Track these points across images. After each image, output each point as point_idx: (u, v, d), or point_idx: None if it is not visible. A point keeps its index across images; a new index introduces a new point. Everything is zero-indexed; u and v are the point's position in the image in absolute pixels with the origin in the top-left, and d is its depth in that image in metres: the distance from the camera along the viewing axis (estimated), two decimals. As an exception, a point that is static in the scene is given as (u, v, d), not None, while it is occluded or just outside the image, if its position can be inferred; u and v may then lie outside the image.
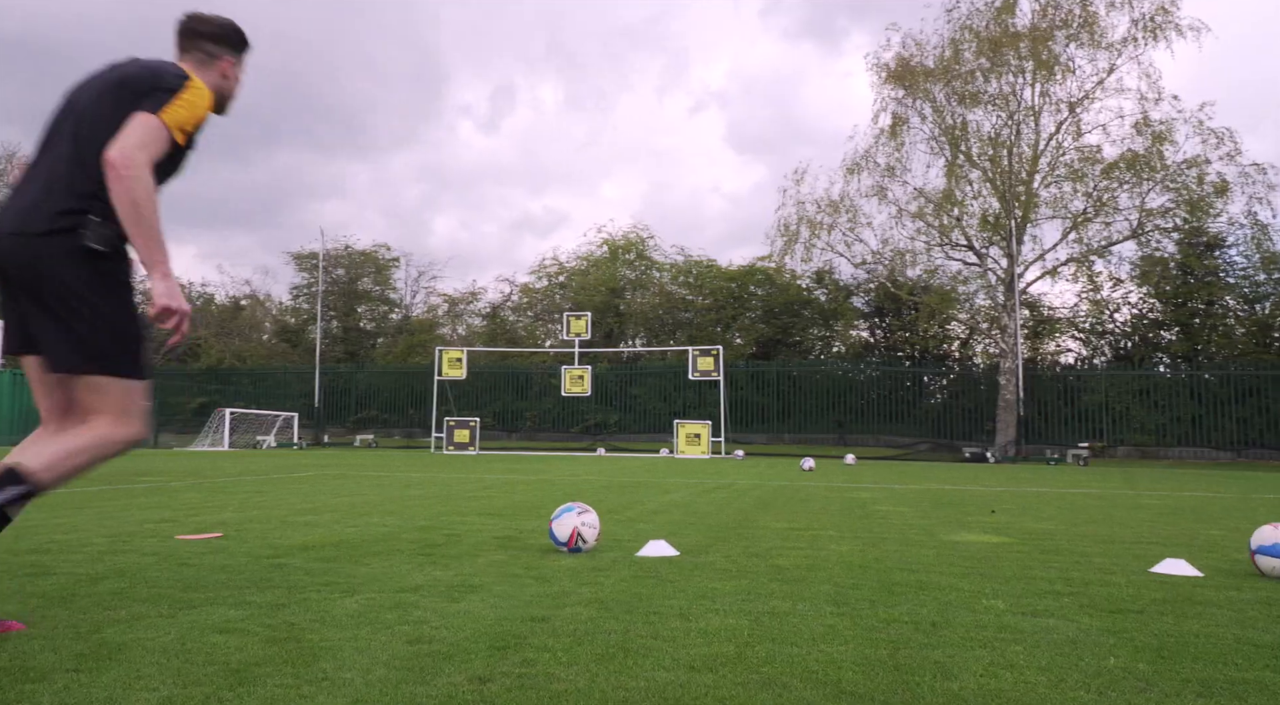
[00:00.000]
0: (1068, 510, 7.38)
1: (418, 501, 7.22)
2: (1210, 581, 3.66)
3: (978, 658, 2.32)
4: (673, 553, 4.23)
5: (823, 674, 2.13)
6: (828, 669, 2.18)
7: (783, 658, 2.28)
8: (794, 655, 2.31)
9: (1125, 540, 5.14)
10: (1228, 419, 26.10)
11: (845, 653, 2.34)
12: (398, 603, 2.91)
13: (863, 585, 3.42)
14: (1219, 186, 26.00)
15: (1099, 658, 2.34)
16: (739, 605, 2.98)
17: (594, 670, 2.12)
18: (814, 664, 2.22)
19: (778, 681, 2.06)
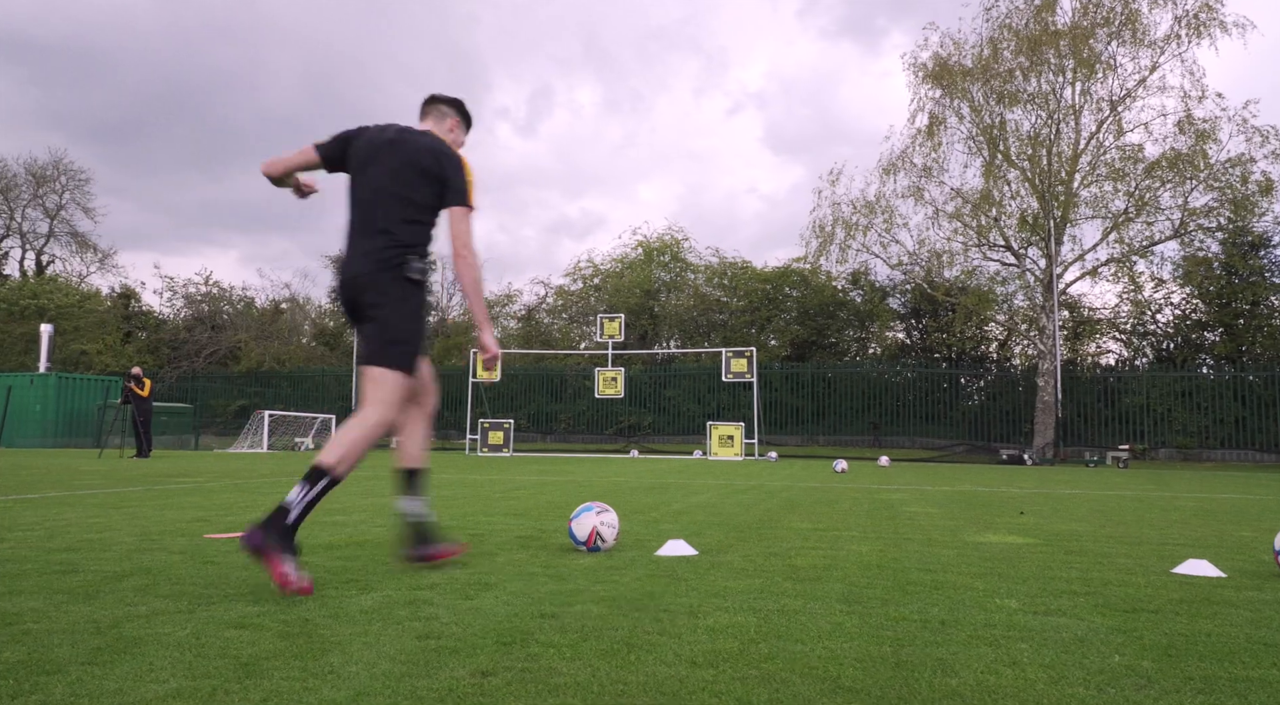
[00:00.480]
0: (1099, 512, 7.30)
1: (446, 502, 7.29)
2: (1232, 582, 3.62)
3: (981, 655, 2.32)
4: (691, 552, 4.25)
5: (822, 670, 2.15)
6: (828, 665, 2.19)
7: (785, 654, 2.29)
8: (796, 652, 2.32)
9: (1152, 541, 5.08)
10: (1273, 421, 25.61)
11: (848, 649, 2.35)
12: (412, 600, 2.96)
13: (877, 584, 3.42)
14: (1264, 185, 25.53)
15: (1104, 656, 2.33)
16: (749, 603, 3.00)
17: (595, 665, 2.15)
18: (815, 660, 2.23)
19: (776, 677, 2.08)
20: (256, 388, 37.70)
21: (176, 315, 44.97)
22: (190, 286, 44.68)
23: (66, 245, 49.08)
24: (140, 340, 43.80)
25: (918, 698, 1.95)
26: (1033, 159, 27.13)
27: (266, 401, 34.84)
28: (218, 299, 44.83)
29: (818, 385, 31.71)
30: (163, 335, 43.32)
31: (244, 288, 52.35)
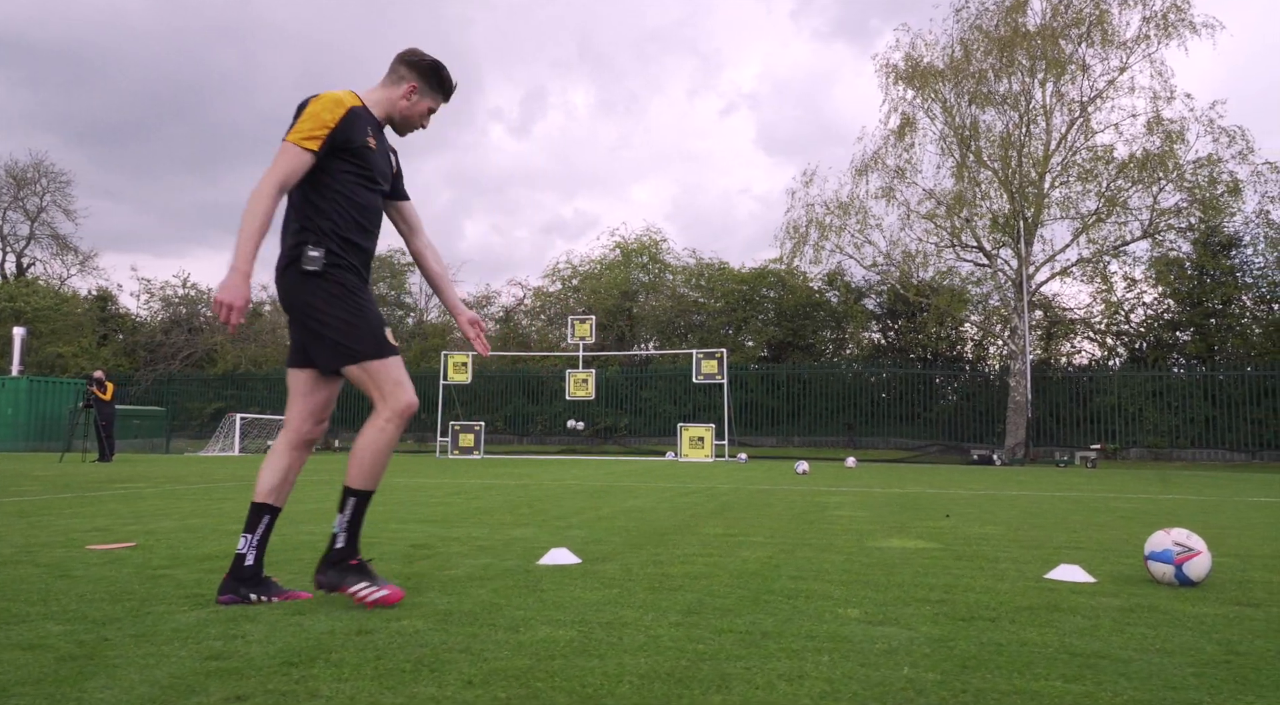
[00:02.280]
0: (1027, 515, 7.29)
1: (379, 508, 7.23)
2: (1094, 588, 3.60)
3: (773, 669, 2.29)
4: (573, 561, 4.21)
5: (596, 686, 2.11)
6: (606, 682, 2.15)
7: (572, 670, 2.25)
8: (586, 668, 2.28)
9: (1052, 545, 5.06)
10: (1242, 420, 25.72)
11: (641, 664, 2.32)
12: (238, 616, 2.91)
13: (733, 594, 3.39)
14: (1231, 186, 25.63)
15: (897, 668, 2.31)
16: (583, 616, 2.96)
17: (363, 686, 2.11)
18: (597, 677, 2.20)
19: (542, 695, 2.04)
20: (232, 390, 37.50)
21: (153, 318, 44.73)
22: (168, 289, 44.46)
23: (47, 248, 48.78)
24: (117, 343, 43.56)
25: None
26: (1004, 160, 27.18)
27: (242, 404, 34.66)
28: (195, 301, 44.59)
29: (793, 386, 31.71)
30: (139, 338, 43.08)
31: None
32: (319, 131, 3.05)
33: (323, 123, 3.05)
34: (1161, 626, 2.90)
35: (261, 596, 3.11)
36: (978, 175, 27.64)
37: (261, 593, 3.12)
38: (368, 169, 3.19)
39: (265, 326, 43.30)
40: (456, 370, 25.61)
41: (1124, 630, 2.83)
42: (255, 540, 3.15)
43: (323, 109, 3.08)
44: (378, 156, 3.24)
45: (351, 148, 3.12)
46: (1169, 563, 3.70)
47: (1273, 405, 25.35)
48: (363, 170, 3.17)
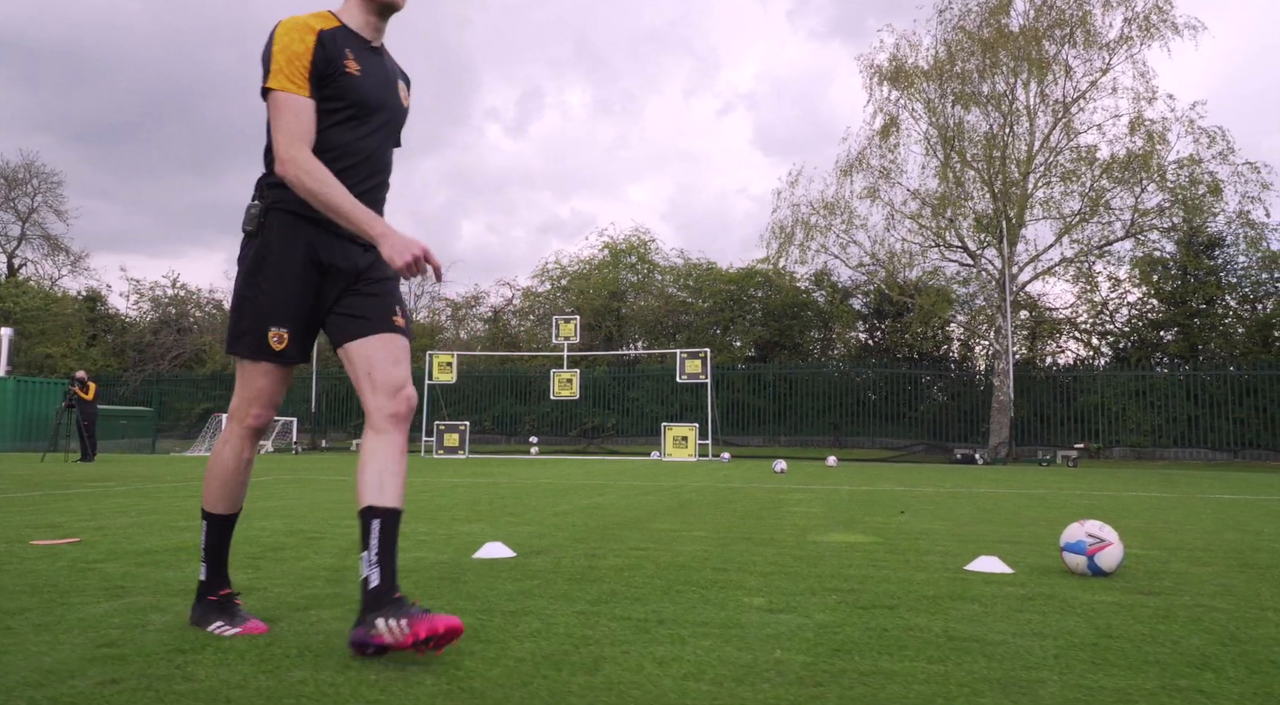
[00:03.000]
0: (982, 511, 7.37)
1: (331, 506, 7.30)
2: (1006, 578, 3.67)
3: (650, 652, 2.35)
4: (507, 554, 4.27)
5: (470, 670, 2.17)
6: (481, 665, 2.21)
7: (451, 656, 2.31)
8: (469, 652, 2.34)
9: (991, 539, 5.13)
10: (1224, 420, 25.87)
11: (527, 649, 2.38)
12: (147, 607, 2.97)
13: (648, 586, 3.45)
14: (1212, 186, 25.78)
15: (770, 651, 2.37)
16: (493, 605, 3.02)
17: (242, 670, 2.17)
18: (475, 661, 2.26)
19: (412, 678, 2.10)
20: (221, 391, 37.49)
21: (142, 318, 44.72)
22: (157, 289, 44.47)
23: (39, 248, 48.73)
24: (105, 343, 43.54)
25: (532, 691, 1.98)
26: (988, 160, 27.29)
27: (230, 404, 34.61)
28: (184, 301, 44.59)
29: (780, 386, 31.80)
30: (128, 338, 43.06)
31: (211, 290, 51.99)
32: (297, 66, 2.48)
33: (295, 54, 2.48)
34: (1051, 613, 2.97)
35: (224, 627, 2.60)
36: (962, 175, 27.76)
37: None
38: (344, 100, 2.56)
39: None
40: (441, 370, 25.66)
41: (1011, 616, 2.91)
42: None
43: (290, 38, 2.49)
44: (364, 81, 2.61)
45: (325, 77, 2.52)
46: (1081, 554, 3.78)
47: (1255, 404, 25.50)
48: (340, 104, 2.55)
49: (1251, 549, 4.84)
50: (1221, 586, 3.56)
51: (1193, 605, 3.15)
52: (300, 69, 2.48)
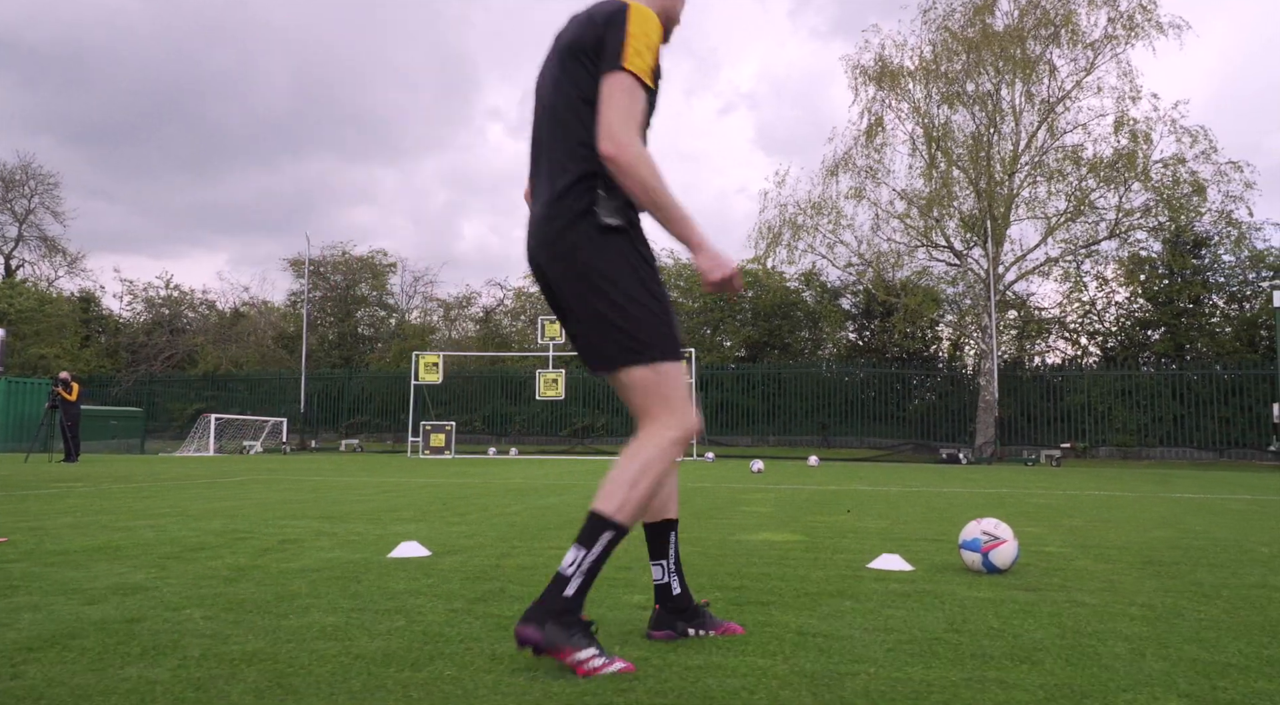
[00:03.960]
0: (930, 510, 7.41)
1: (289, 505, 7.34)
2: (900, 575, 3.71)
3: (493, 650, 2.39)
4: (422, 554, 4.32)
5: (296, 665, 2.22)
6: (314, 661, 2.26)
7: (292, 652, 2.36)
8: (313, 649, 2.39)
9: (916, 537, 5.17)
10: (1210, 419, 25.91)
11: (374, 647, 2.43)
12: (25, 606, 3.01)
13: (542, 584, 3.50)
14: (1195, 186, 25.83)
15: (612, 646, 2.41)
16: (368, 604, 3.07)
17: (73, 669, 2.22)
18: (310, 657, 2.30)
19: (239, 674, 2.15)
20: (213, 391, 37.59)
21: (136, 319, 44.81)
22: (150, 290, 44.57)
23: (36, 249, 48.81)
24: (99, 344, 43.63)
25: (352, 692, 2.02)
26: (973, 160, 27.34)
27: (223, 405, 34.76)
28: (178, 302, 44.69)
29: (769, 386, 31.86)
30: (121, 339, 43.14)
31: (204, 290, 52.14)
32: (655, 62, 2.30)
33: (656, 49, 2.29)
34: (917, 609, 3.01)
35: (699, 630, 2.59)
36: (947, 175, 27.80)
37: (698, 626, 2.60)
38: (654, 111, 2.40)
39: (247, 327, 43.39)
40: (427, 370, 25.71)
41: (876, 612, 2.95)
42: (671, 565, 2.61)
43: (653, 28, 2.29)
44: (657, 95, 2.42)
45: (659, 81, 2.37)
46: (977, 551, 3.82)
47: (1240, 404, 25.54)
48: (652, 107, 2.37)
49: (1169, 547, 4.88)
50: (1108, 583, 3.61)
51: (1064, 601, 3.19)
52: (654, 62, 2.30)
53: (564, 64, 2.36)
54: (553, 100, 2.39)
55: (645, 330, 2.29)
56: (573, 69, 2.33)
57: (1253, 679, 2.15)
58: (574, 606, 2.20)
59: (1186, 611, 3.01)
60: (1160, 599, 3.25)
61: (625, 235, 2.32)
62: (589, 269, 2.28)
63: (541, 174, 2.43)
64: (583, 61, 2.31)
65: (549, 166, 2.39)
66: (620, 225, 2.30)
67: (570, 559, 2.22)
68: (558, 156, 2.36)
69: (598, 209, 2.28)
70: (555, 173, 2.36)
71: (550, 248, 2.34)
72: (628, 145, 2.21)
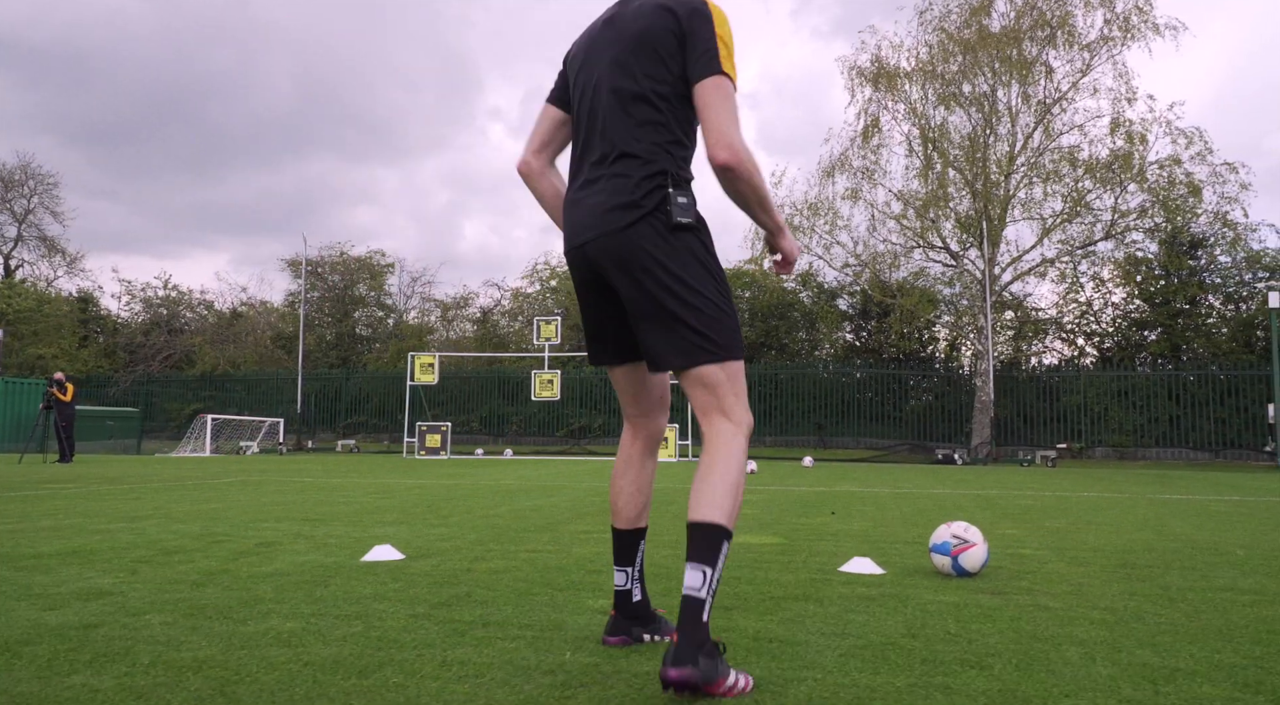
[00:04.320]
0: (915, 512, 7.40)
1: (274, 507, 7.34)
2: (869, 579, 3.71)
3: (446, 656, 2.39)
4: (394, 557, 4.32)
5: (242, 673, 2.22)
6: (263, 668, 2.26)
7: (243, 660, 2.36)
8: (264, 656, 2.39)
9: (892, 540, 5.17)
10: (1206, 419, 25.90)
11: (326, 654, 2.43)
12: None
13: (510, 588, 3.49)
14: (1191, 187, 25.83)
15: (563, 653, 2.42)
16: (330, 610, 3.06)
17: (20, 676, 2.22)
18: (259, 665, 2.30)
19: (184, 682, 2.15)
20: (210, 391, 37.59)
21: (134, 319, 44.83)
22: (149, 290, 44.59)
23: (35, 250, 48.82)
24: (97, 344, 43.65)
25: (293, 698, 2.02)
26: (970, 161, 27.33)
27: (220, 405, 34.77)
28: (176, 303, 44.71)
29: (766, 386, 31.84)
30: (119, 339, 43.16)
31: (202, 291, 52.18)
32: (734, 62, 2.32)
33: (733, 50, 2.32)
34: (881, 613, 3.01)
35: (654, 636, 2.58)
36: (943, 176, 27.80)
37: (653, 631, 2.59)
38: None
39: (245, 328, 43.40)
40: (423, 371, 25.70)
41: (838, 617, 2.95)
42: (636, 573, 2.58)
43: (729, 31, 2.32)
44: None
45: None
46: (946, 554, 3.82)
47: (1236, 404, 25.53)
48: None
49: (1145, 549, 4.88)
50: (1075, 586, 3.61)
51: (1028, 604, 3.19)
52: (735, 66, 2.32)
53: (635, 51, 2.32)
54: (616, 83, 2.34)
55: (717, 329, 2.28)
56: (645, 58, 2.30)
57: (1198, 684, 2.15)
58: (709, 631, 2.07)
59: (1147, 615, 3.01)
60: (1124, 602, 3.25)
61: (694, 233, 2.31)
62: (662, 267, 2.25)
63: (594, 157, 2.39)
64: (660, 53, 2.29)
65: (609, 151, 2.35)
66: (690, 223, 2.29)
67: (698, 582, 2.06)
68: (623, 143, 2.32)
69: (670, 208, 2.26)
70: (621, 161, 2.32)
71: (616, 243, 2.29)
72: (742, 152, 2.23)
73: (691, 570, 2.07)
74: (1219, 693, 2.09)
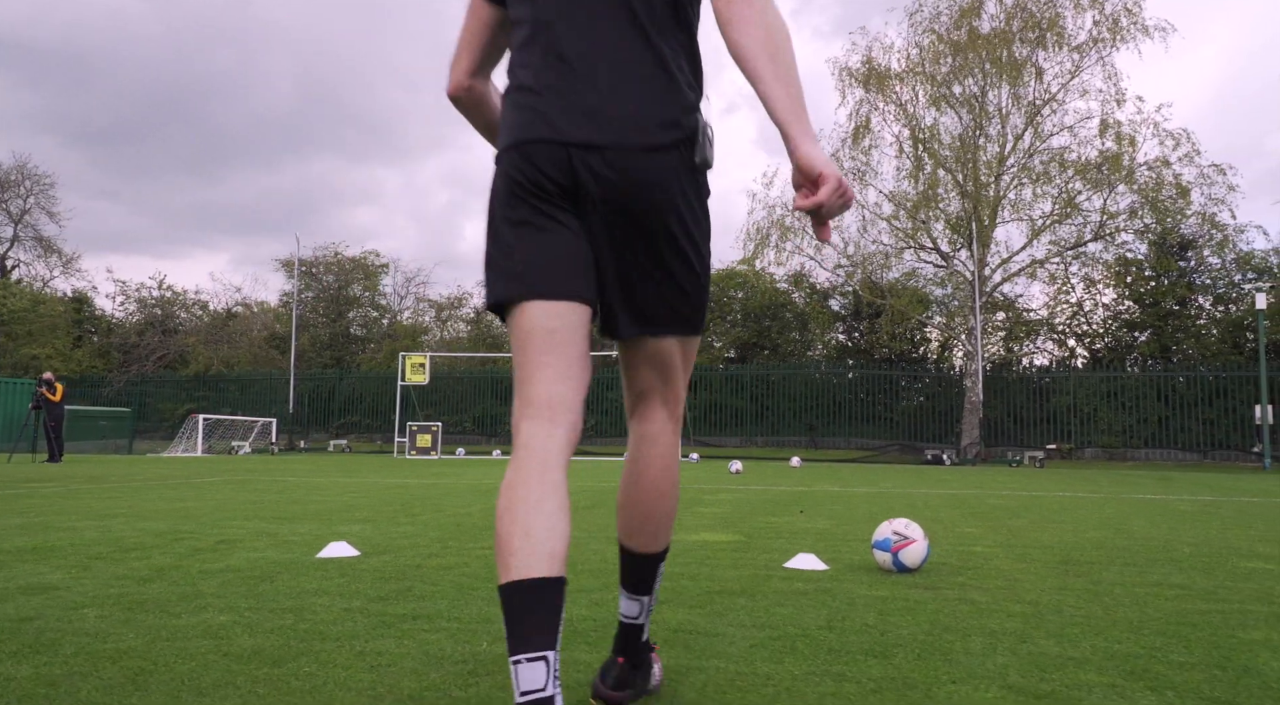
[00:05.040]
0: (883, 511, 7.45)
1: (248, 506, 7.39)
2: (811, 574, 3.77)
3: (353, 647, 2.44)
4: (348, 554, 4.37)
5: (153, 659, 2.27)
6: (179, 659, 2.31)
7: (163, 651, 2.41)
8: (185, 648, 2.44)
9: (849, 538, 5.23)
10: (1195, 420, 25.98)
11: (248, 645, 2.48)
12: (-65, 599, 3.08)
13: (450, 585, 3.55)
14: (1180, 189, 25.91)
15: (480, 643, 2.47)
16: (268, 604, 3.12)
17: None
18: (174, 657, 2.36)
19: (100, 671, 2.20)
20: (204, 392, 37.65)
21: (129, 319, 44.87)
22: (143, 290, 44.63)
23: (31, 250, 48.83)
24: (91, 344, 43.68)
25: (197, 689, 2.08)
26: (960, 161, 27.41)
27: (214, 405, 34.84)
28: (170, 303, 44.75)
29: (758, 387, 31.92)
30: (113, 339, 43.19)
31: (197, 291, 52.16)
32: None
33: None
34: (807, 606, 3.07)
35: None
36: (934, 177, 27.87)
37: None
38: None
39: (239, 327, 43.44)
40: (414, 371, 25.75)
41: (768, 610, 3.01)
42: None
43: None
44: None
45: None
46: (887, 551, 3.88)
47: (1224, 405, 25.61)
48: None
49: (1095, 547, 4.94)
50: (1009, 581, 3.66)
51: (955, 598, 3.25)
52: None
53: None
54: None
55: (703, 300, 1.85)
56: None
57: (1085, 672, 2.21)
58: (648, 647, 2.00)
59: (1067, 608, 3.07)
60: (1051, 597, 3.30)
61: (706, 186, 1.80)
62: (684, 220, 1.72)
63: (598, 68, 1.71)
64: None
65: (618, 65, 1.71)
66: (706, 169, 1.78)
67: (635, 611, 1.94)
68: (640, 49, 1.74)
69: (702, 139, 1.73)
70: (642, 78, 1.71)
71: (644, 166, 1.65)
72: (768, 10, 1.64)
73: (628, 601, 1.94)
74: (1102, 679, 2.14)
